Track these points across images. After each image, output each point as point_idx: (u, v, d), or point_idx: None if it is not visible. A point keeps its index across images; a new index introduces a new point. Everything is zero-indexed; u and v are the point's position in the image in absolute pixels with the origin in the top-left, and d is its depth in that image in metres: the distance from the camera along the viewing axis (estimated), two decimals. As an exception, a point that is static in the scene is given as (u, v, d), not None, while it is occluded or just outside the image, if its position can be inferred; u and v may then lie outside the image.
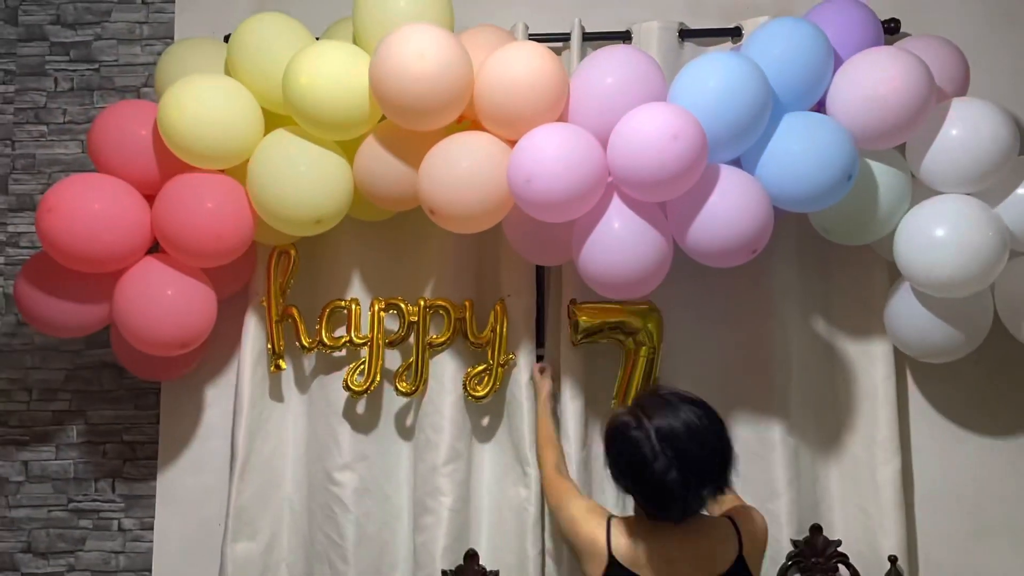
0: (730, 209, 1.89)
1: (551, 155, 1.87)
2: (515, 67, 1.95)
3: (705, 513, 1.78)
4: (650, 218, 1.94)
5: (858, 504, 2.29)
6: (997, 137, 1.97)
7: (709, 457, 1.67)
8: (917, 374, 2.37)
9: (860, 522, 2.28)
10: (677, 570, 1.73)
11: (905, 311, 2.15)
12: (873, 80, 1.94)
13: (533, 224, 2.06)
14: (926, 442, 2.37)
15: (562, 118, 2.02)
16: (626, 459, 1.69)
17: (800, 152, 1.91)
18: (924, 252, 1.99)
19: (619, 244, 1.92)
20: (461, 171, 1.95)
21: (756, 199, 1.90)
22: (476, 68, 1.98)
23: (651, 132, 1.82)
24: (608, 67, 1.97)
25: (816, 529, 2.24)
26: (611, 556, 1.74)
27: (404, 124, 2.00)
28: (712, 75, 1.89)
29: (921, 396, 2.38)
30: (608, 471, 1.75)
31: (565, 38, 2.36)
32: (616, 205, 1.94)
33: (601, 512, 1.83)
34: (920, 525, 2.35)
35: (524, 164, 1.89)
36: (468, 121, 2.11)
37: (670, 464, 1.63)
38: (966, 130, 1.99)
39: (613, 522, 1.79)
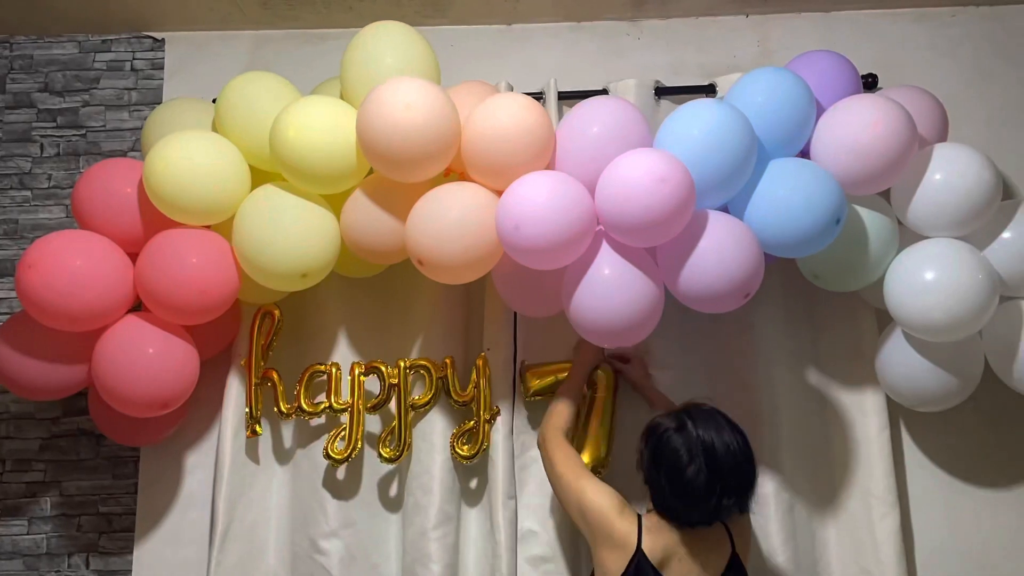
0: (721, 253, 1.88)
1: (539, 201, 1.88)
2: (501, 117, 1.97)
3: None
4: (641, 264, 1.93)
5: (858, 562, 2.22)
6: (981, 180, 1.99)
7: (738, 478, 1.81)
8: (912, 425, 2.34)
9: None
10: (688, 569, 1.84)
11: (896, 359, 2.13)
12: (856, 126, 1.96)
13: (522, 275, 2.05)
14: (925, 495, 2.32)
15: (549, 167, 2.03)
16: (666, 457, 1.83)
17: (788, 197, 1.92)
18: (915, 296, 1.98)
19: (610, 291, 1.91)
20: (449, 221, 1.94)
21: (746, 242, 1.90)
22: (463, 120, 2.00)
23: (638, 176, 1.83)
24: (593, 116, 2.00)
25: None
26: (640, 550, 1.82)
27: (391, 176, 2.01)
28: (696, 122, 1.91)
29: (917, 448, 2.35)
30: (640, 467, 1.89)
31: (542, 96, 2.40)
32: (606, 252, 1.94)
33: (631, 509, 1.90)
34: (924, 582, 2.28)
35: (512, 210, 1.89)
36: (455, 175, 2.11)
37: (702, 471, 1.78)
38: (950, 174, 2.01)
39: (643, 519, 1.88)
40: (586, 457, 2.17)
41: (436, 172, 2.02)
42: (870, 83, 2.39)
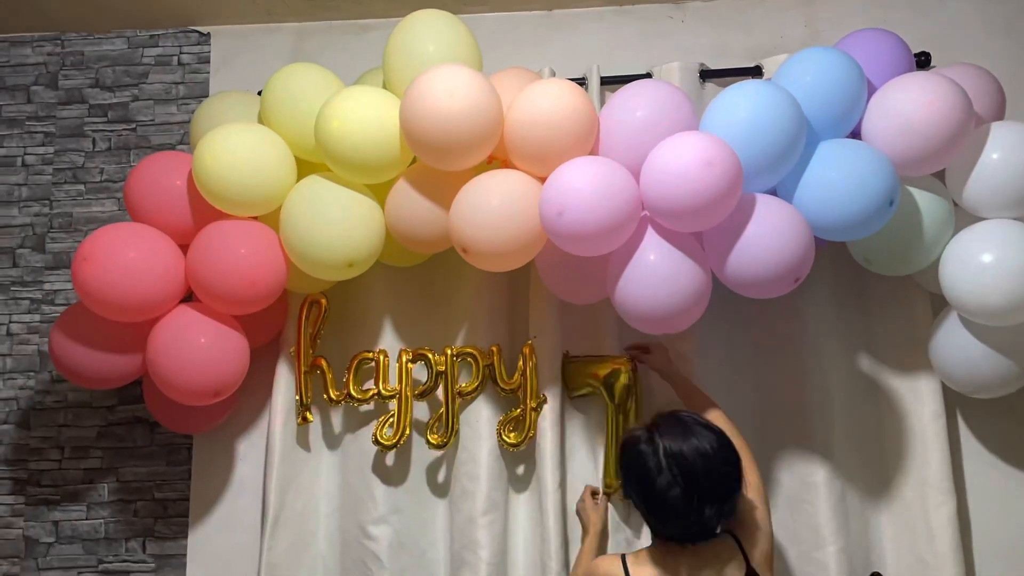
0: (770, 237, 1.85)
1: (582, 187, 1.86)
2: (544, 103, 1.95)
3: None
4: (687, 250, 1.91)
5: (912, 551, 2.18)
6: None
7: (715, 482, 1.70)
8: (967, 412, 2.29)
9: (915, 571, 2.17)
10: None
11: (952, 344, 2.08)
12: (910, 104, 1.92)
13: (567, 261, 2.04)
14: (982, 484, 2.27)
15: (592, 153, 2.01)
16: (634, 472, 1.76)
17: (839, 179, 1.88)
18: (972, 279, 1.93)
19: (656, 277, 1.89)
20: (493, 208, 1.94)
21: (796, 226, 1.86)
22: (505, 107, 1.99)
23: (684, 160, 1.81)
24: (638, 101, 1.98)
25: None
26: None
27: (434, 164, 2.01)
28: (743, 104, 1.88)
29: (973, 436, 2.29)
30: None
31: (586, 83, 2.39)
32: (651, 238, 1.92)
33: (612, 555, 1.87)
34: (980, 573, 2.23)
35: (555, 197, 1.88)
36: (498, 162, 2.11)
37: (674, 481, 1.69)
38: (1007, 153, 1.95)
39: (627, 556, 1.82)
40: (610, 478, 2.19)
41: (479, 160, 2.02)
42: (923, 61, 2.32)
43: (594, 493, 2.20)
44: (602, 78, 2.38)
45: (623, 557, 1.81)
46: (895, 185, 1.88)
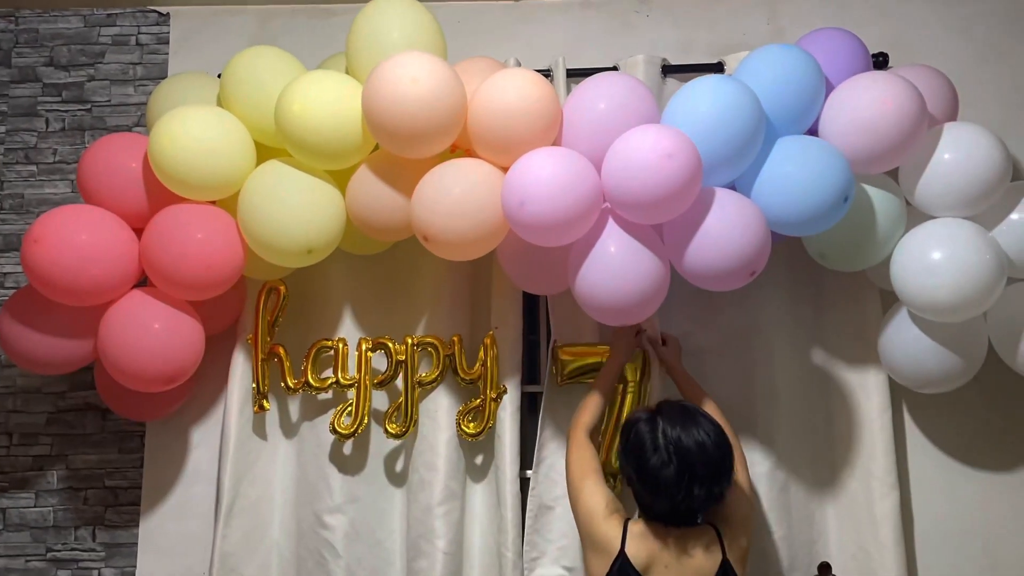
0: (728, 230, 1.87)
1: (544, 177, 1.87)
2: (508, 92, 1.96)
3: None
4: (647, 242, 1.92)
5: (857, 541, 2.23)
6: (990, 160, 1.98)
7: (708, 469, 1.77)
8: (914, 406, 2.34)
9: (859, 560, 2.22)
10: (684, 570, 1.81)
11: (900, 340, 2.13)
12: (866, 103, 1.95)
13: (529, 251, 2.04)
14: (926, 477, 2.32)
15: (555, 144, 2.02)
16: (632, 448, 1.83)
17: (796, 174, 1.91)
18: (922, 275, 1.97)
19: (616, 269, 1.90)
20: (455, 197, 1.94)
21: (753, 219, 1.89)
22: (469, 96, 1.99)
23: (645, 152, 1.82)
24: (600, 92, 1.98)
25: (824, 567, 2.17)
26: (623, 554, 1.80)
27: (397, 151, 2.00)
28: (704, 98, 1.90)
29: (918, 429, 2.34)
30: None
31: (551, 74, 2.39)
32: (612, 230, 1.93)
33: (620, 515, 1.87)
34: (922, 563, 2.28)
35: (517, 186, 1.88)
36: (461, 151, 2.10)
37: (669, 461, 1.77)
38: (959, 154, 2.00)
39: (630, 524, 1.85)
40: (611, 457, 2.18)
41: (442, 148, 2.01)
42: (881, 62, 2.36)
43: (637, 333, 2.19)
44: (568, 70, 2.38)
45: (626, 524, 1.84)
46: (850, 182, 1.91)
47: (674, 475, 1.76)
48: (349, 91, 2.01)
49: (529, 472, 2.29)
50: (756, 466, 2.23)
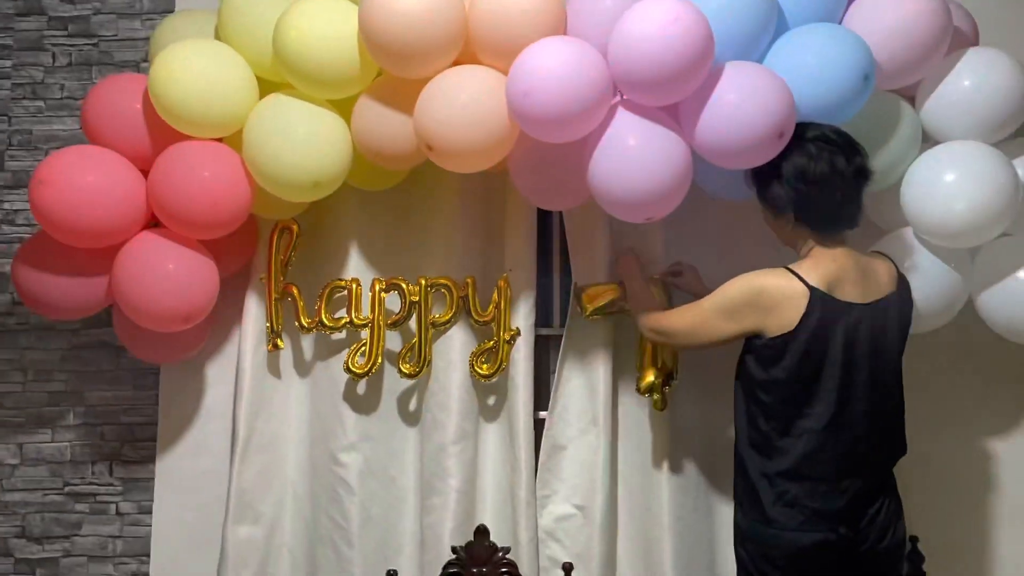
0: (748, 95, 1.77)
1: (550, 65, 1.79)
2: None
3: None
4: (664, 127, 1.85)
5: None
6: (1012, 85, 1.94)
7: (855, 144, 1.85)
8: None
9: None
10: (861, 291, 1.83)
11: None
12: (892, 5, 1.89)
13: (540, 160, 1.99)
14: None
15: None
16: (795, 175, 1.81)
17: (810, 56, 1.83)
18: (935, 195, 1.93)
19: (635, 159, 1.82)
20: (459, 104, 1.87)
21: (773, 83, 1.79)
22: (467, 2, 1.92)
23: (649, 21, 1.74)
24: None
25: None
26: (810, 287, 1.78)
27: (398, 71, 1.94)
28: None
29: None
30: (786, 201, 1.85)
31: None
32: (626, 118, 1.85)
33: (766, 270, 1.84)
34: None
35: (522, 77, 1.81)
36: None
37: (835, 153, 1.80)
38: (979, 78, 1.95)
39: (794, 267, 1.83)
40: (651, 374, 2.16)
41: (444, 64, 1.94)
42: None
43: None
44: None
45: (789, 268, 1.83)
46: (869, 59, 1.83)
47: (844, 163, 1.79)
48: (347, 15, 1.95)
49: (541, 414, 2.30)
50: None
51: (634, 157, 1.83)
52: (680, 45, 1.73)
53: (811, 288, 1.79)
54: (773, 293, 1.80)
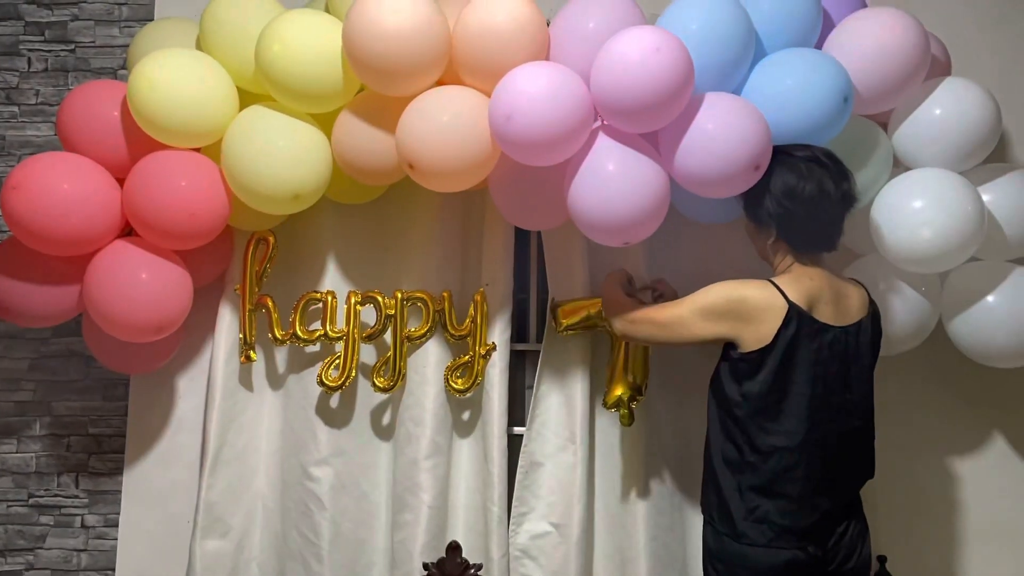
0: (726, 126, 1.80)
1: (532, 90, 1.80)
2: (493, 14, 1.90)
3: None
4: (643, 154, 1.87)
5: None
6: (983, 115, 1.99)
7: (845, 169, 1.87)
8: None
9: None
10: (834, 312, 1.85)
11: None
12: (873, 30, 1.93)
13: (520, 181, 1.99)
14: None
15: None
16: (782, 190, 1.83)
17: (790, 80, 1.87)
18: (903, 221, 1.96)
19: (613, 184, 1.84)
20: (442, 123, 1.88)
21: (751, 115, 1.82)
22: (452, 24, 1.93)
23: (633, 49, 1.76)
24: (588, 11, 1.92)
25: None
26: (790, 302, 1.80)
27: (380, 88, 1.95)
28: (694, 13, 1.87)
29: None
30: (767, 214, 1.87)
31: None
32: (605, 143, 1.87)
33: (750, 279, 1.85)
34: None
35: (504, 100, 1.82)
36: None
37: (825, 174, 1.82)
38: (952, 107, 2.00)
39: (775, 280, 1.85)
40: (620, 388, 2.17)
41: (427, 83, 1.96)
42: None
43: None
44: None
45: (771, 281, 1.84)
46: (847, 82, 1.87)
47: (832, 185, 1.80)
48: (330, 29, 1.96)
49: (515, 429, 2.30)
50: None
51: (613, 183, 1.85)
52: (662, 75, 1.75)
53: (790, 303, 1.80)
54: (754, 303, 1.81)
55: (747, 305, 1.81)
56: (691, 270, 2.25)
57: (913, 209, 1.95)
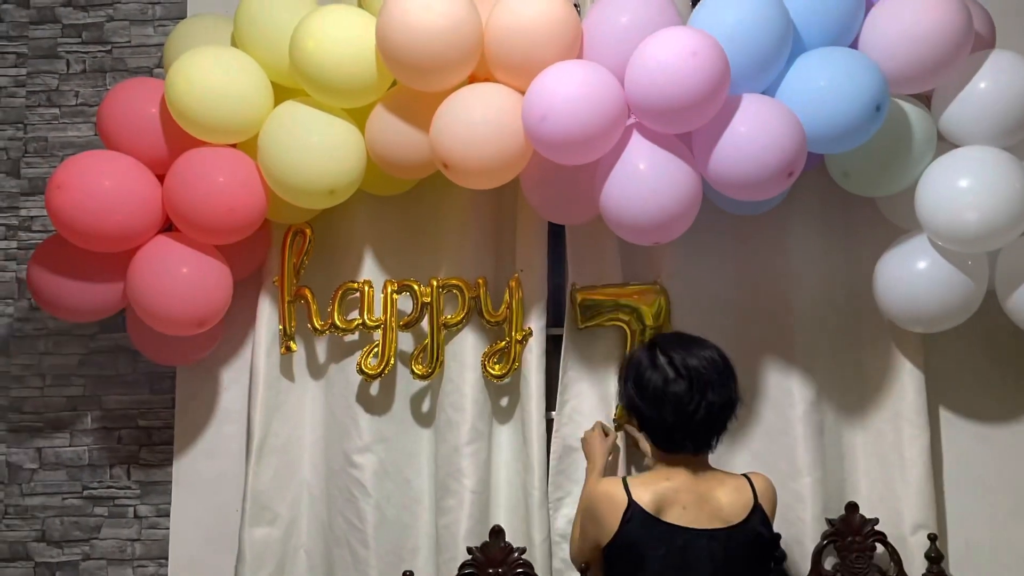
0: (761, 131, 1.78)
1: (566, 90, 1.80)
2: (525, 11, 1.89)
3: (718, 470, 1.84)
4: (676, 154, 1.86)
5: (885, 483, 2.23)
6: None
7: (720, 377, 1.77)
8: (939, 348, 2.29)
9: (888, 502, 2.22)
10: (693, 516, 1.75)
11: (896, 273, 2.07)
12: (912, 11, 1.88)
13: (553, 177, 1.99)
14: (954, 418, 2.31)
15: (577, 61, 1.95)
16: (632, 373, 1.80)
17: (822, 82, 1.83)
18: (949, 202, 1.92)
19: (645, 183, 1.83)
20: (475, 122, 1.89)
21: (786, 119, 1.80)
22: (484, 20, 1.93)
23: (668, 52, 1.75)
24: (621, 6, 1.91)
25: (852, 507, 2.18)
26: (631, 501, 1.75)
27: (413, 84, 1.96)
28: (729, 9, 1.84)
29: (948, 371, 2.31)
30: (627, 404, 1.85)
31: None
32: (639, 143, 1.86)
33: (614, 477, 1.86)
34: (951, 503, 2.29)
35: (538, 101, 1.82)
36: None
37: (678, 376, 1.75)
38: (997, 81, 1.94)
39: (628, 479, 1.83)
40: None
41: (460, 79, 1.96)
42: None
43: (605, 432, 2.18)
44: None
45: (624, 479, 1.83)
46: (882, 89, 1.84)
47: (685, 389, 1.74)
48: (363, 25, 1.97)
49: (553, 414, 2.30)
50: (793, 408, 2.22)
51: (645, 183, 1.84)
52: (697, 79, 1.74)
53: (631, 501, 1.74)
54: (600, 502, 1.80)
55: (595, 503, 1.81)
56: (719, 261, 2.26)
57: (959, 190, 1.91)
